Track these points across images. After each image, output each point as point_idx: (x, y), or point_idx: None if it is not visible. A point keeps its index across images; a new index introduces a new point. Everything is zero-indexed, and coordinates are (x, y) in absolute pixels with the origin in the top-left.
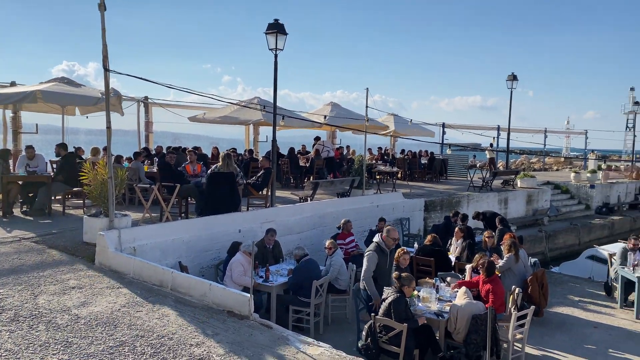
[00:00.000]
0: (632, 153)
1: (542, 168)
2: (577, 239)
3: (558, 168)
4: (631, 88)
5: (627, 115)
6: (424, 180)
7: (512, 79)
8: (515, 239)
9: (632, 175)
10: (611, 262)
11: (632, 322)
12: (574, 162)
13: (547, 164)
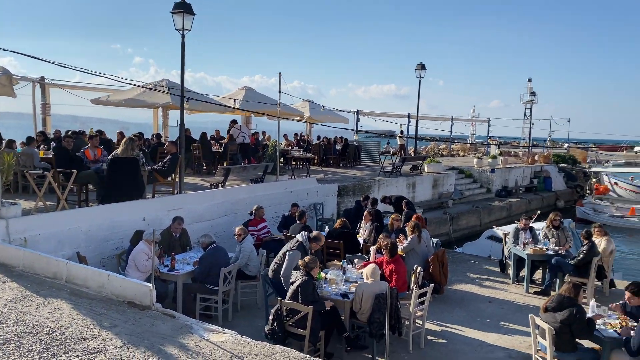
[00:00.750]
0: (529, 140)
1: (449, 154)
2: (479, 220)
3: (464, 154)
4: (529, 79)
5: (525, 104)
6: (338, 166)
7: (421, 68)
8: (420, 221)
9: (528, 161)
10: (505, 241)
11: (522, 295)
12: (479, 149)
13: (454, 150)
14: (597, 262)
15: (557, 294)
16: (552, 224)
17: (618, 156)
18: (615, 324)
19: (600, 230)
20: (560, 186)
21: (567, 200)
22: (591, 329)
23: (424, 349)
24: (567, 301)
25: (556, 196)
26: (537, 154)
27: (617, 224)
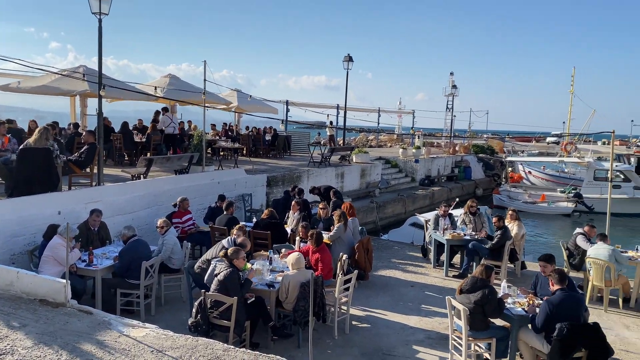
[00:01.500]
0: (451, 131)
1: (378, 145)
2: (404, 208)
3: (391, 145)
4: (451, 73)
5: (447, 97)
6: (267, 156)
7: (348, 60)
8: (351, 209)
9: (449, 151)
10: (427, 227)
11: (442, 279)
12: (405, 140)
13: (382, 141)
14: (510, 245)
15: (471, 276)
16: (469, 211)
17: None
18: (523, 303)
19: (513, 215)
20: (479, 175)
21: (485, 188)
22: (501, 308)
23: (349, 334)
24: (480, 283)
25: (475, 184)
26: (458, 145)
27: (529, 209)
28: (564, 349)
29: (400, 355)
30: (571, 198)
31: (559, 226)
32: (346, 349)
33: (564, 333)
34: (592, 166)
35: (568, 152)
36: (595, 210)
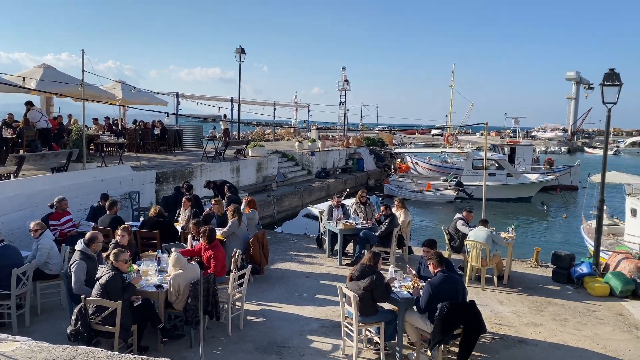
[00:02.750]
0: (344, 125)
1: (275, 138)
2: (301, 201)
3: (288, 138)
4: (343, 68)
5: (340, 91)
6: (157, 151)
7: (240, 52)
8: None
9: (343, 144)
10: (321, 218)
11: (336, 268)
12: (302, 133)
13: (279, 134)
14: (398, 232)
15: (360, 263)
16: (360, 201)
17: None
18: (408, 286)
19: (399, 204)
20: (371, 166)
21: (377, 179)
22: (389, 292)
23: (243, 329)
24: (369, 269)
25: (368, 175)
26: (351, 138)
27: (416, 198)
28: (445, 327)
29: (295, 346)
30: (453, 186)
31: (443, 212)
32: (240, 344)
33: (445, 312)
34: (471, 156)
35: (450, 143)
36: (474, 197)
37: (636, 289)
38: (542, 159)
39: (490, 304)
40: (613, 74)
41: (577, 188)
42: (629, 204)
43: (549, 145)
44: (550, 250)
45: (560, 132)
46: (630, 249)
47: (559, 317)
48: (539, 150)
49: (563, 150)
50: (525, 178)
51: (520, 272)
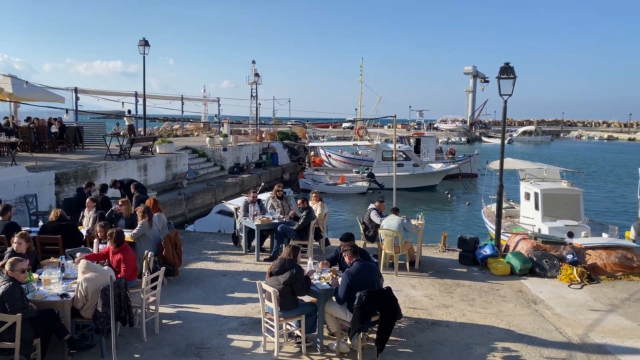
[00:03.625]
0: (257, 119)
1: (184, 134)
2: (214, 198)
3: (198, 134)
4: (253, 61)
5: (251, 85)
6: (55, 151)
7: (144, 44)
8: (156, 205)
9: (256, 138)
10: (236, 214)
11: (254, 264)
12: (212, 128)
13: (188, 130)
14: (315, 225)
15: (279, 258)
16: (276, 195)
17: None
18: (327, 277)
19: (316, 196)
20: (285, 160)
21: (291, 173)
22: (308, 285)
23: (159, 334)
24: (288, 263)
25: (282, 170)
26: (264, 132)
27: (331, 190)
28: (364, 315)
29: (215, 346)
30: (365, 178)
31: (356, 203)
32: (156, 349)
33: (363, 300)
34: (380, 148)
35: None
36: (385, 187)
37: (533, 266)
38: (445, 149)
39: (404, 289)
40: (508, 67)
41: (477, 175)
42: (523, 188)
43: (451, 136)
44: (456, 234)
45: (460, 124)
46: (526, 230)
47: (467, 298)
48: (442, 141)
49: (463, 140)
50: (430, 167)
51: (430, 256)
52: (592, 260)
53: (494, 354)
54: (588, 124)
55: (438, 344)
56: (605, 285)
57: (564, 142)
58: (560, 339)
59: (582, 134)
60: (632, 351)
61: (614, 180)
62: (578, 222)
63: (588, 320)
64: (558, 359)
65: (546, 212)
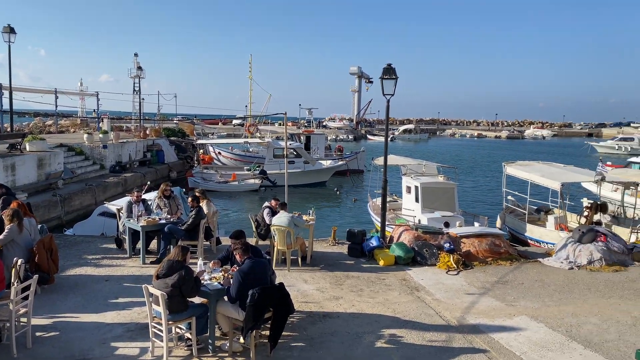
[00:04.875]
0: (140, 114)
1: (58, 131)
2: (94, 199)
3: (75, 130)
4: (135, 54)
5: (134, 79)
6: None
7: (9, 31)
8: (22, 209)
9: (140, 135)
10: (119, 215)
11: (140, 267)
12: (91, 124)
13: (63, 126)
14: (205, 224)
15: (167, 259)
16: (163, 194)
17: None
18: (219, 277)
19: (201, 195)
20: (172, 158)
21: (179, 171)
22: (198, 286)
23: (32, 348)
24: (177, 265)
25: (169, 168)
26: (148, 129)
27: (222, 188)
28: (257, 312)
29: (98, 356)
30: (257, 175)
31: (249, 201)
32: None
33: (256, 298)
34: (272, 145)
35: (251, 133)
36: (278, 184)
37: (415, 256)
38: (334, 147)
39: (297, 283)
40: (390, 68)
41: (364, 171)
42: (404, 182)
43: (339, 134)
44: (346, 228)
45: (347, 122)
46: (408, 221)
47: (355, 289)
48: (330, 139)
49: (350, 138)
50: (320, 164)
51: (321, 251)
52: (466, 247)
53: (381, 341)
54: (461, 123)
55: (330, 335)
56: (478, 270)
57: (440, 139)
58: (440, 322)
59: (456, 132)
60: (500, 329)
61: (483, 174)
62: (453, 212)
63: (464, 303)
64: (439, 341)
65: (425, 204)
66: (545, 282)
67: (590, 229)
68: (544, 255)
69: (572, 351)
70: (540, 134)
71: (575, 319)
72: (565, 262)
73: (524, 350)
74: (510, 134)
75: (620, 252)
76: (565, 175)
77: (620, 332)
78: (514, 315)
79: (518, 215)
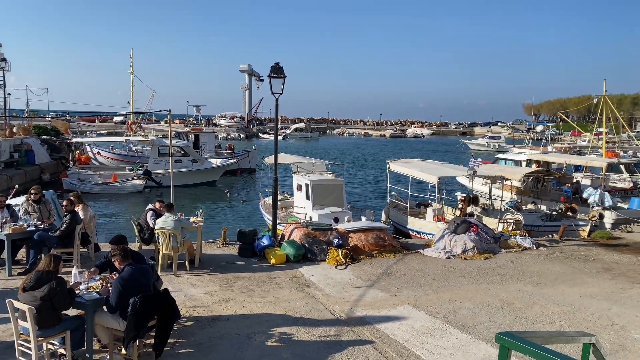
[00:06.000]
0: (5, 111)
1: None
2: None
3: None
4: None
5: None
6: None
7: None
8: None
9: (6, 134)
10: None
11: (6, 280)
12: None
13: None
14: (81, 229)
15: (35, 270)
16: (32, 199)
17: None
18: (97, 286)
19: (76, 199)
20: (44, 159)
21: (52, 173)
22: (72, 297)
23: None
24: (46, 275)
25: (41, 169)
26: (15, 126)
27: (102, 190)
28: (139, 321)
29: None
30: (141, 175)
31: (132, 203)
32: None
33: (138, 306)
34: (156, 143)
35: (134, 131)
36: (163, 185)
37: (306, 252)
38: (224, 145)
39: (184, 288)
40: (278, 67)
41: (255, 170)
42: (295, 180)
43: (229, 132)
44: (237, 228)
45: (238, 120)
46: (299, 219)
47: (246, 289)
48: (221, 137)
49: (242, 136)
50: (210, 163)
51: (210, 253)
52: (354, 242)
53: (272, 340)
54: (349, 122)
55: (219, 339)
56: (364, 264)
57: (330, 138)
58: (330, 317)
59: (344, 131)
60: (385, 319)
61: (369, 170)
62: (342, 208)
63: (352, 296)
64: (328, 335)
65: (315, 201)
66: (425, 272)
67: (463, 221)
68: (424, 247)
69: (450, 335)
70: (421, 133)
71: (451, 305)
72: (442, 252)
73: (407, 338)
74: (394, 133)
75: (490, 241)
76: (442, 171)
77: (491, 315)
78: (397, 305)
79: (401, 209)
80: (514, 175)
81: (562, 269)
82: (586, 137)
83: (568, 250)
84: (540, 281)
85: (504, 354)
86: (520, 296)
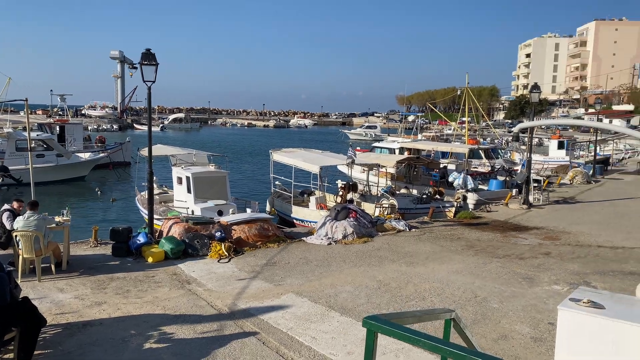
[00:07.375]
0: None
1: None
2: None
3: None
4: None
5: None
6: None
7: None
8: None
9: None
10: None
11: None
12: None
13: None
14: None
15: None
16: None
17: None
18: None
19: None
20: None
21: None
22: None
23: None
24: None
25: None
26: None
27: None
28: None
29: None
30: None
31: None
32: None
33: None
34: (14, 137)
35: None
36: (24, 182)
37: (186, 248)
38: (94, 137)
39: (50, 294)
40: (149, 54)
41: (130, 163)
42: (175, 173)
43: (101, 124)
44: (110, 226)
45: (110, 110)
46: (180, 213)
47: (121, 291)
48: (91, 129)
49: (115, 127)
50: (77, 157)
51: (80, 254)
52: (237, 234)
53: (150, 342)
54: (232, 112)
55: (90, 345)
56: (248, 255)
57: (212, 129)
58: (212, 312)
59: (227, 121)
60: (269, 309)
61: (253, 161)
62: (226, 201)
63: (235, 289)
64: (211, 331)
65: (198, 195)
66: (308, 259)
67: (343, 207)
68: (308, 234)
69: (331, 319)
70: (303, 123)
71: (333, 289)
72: (325, 239)
73: (290, 326)
74: (277, 123)
75: (368, 226)
76: (323, 160)
77: (369, 296)
78: (281, 294)
79: (285, 198)
80: (388, 163)
81: (432, 249)
82: (452, 126)
83: (437, 230)
84: (413, 261)
85: (370, 338)
86: (395, 276)
